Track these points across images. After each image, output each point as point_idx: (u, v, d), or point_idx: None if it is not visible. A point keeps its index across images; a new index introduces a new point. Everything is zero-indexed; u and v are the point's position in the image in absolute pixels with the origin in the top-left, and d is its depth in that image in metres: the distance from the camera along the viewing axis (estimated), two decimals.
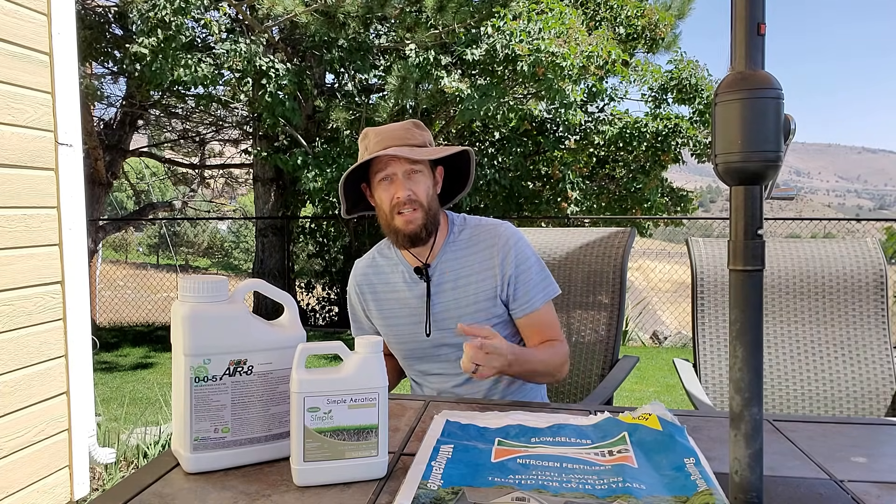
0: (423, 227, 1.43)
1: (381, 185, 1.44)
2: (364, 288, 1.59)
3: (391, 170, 1.42)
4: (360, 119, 7.80)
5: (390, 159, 1.42)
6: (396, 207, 1.42)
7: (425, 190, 1.44)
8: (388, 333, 1.56)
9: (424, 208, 1.43)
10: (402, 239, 1.45)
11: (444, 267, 1.49)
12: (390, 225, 1.45)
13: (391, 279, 1.55)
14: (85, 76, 7.68)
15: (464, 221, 1.56)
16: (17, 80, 2.03)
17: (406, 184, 1.42)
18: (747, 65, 0.67)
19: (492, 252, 1.48)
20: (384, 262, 1.58)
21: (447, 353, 1.50)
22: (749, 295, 0.69)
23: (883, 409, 1.83)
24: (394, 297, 1.54)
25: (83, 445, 2.27)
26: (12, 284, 2.01)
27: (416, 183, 1.43)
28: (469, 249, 1.51)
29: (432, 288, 1.49)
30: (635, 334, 8.34)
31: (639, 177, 8.38)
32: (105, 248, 17.21)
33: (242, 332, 0.86)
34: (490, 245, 1.49)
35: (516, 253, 1.47)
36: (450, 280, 1.49)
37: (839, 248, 1.98)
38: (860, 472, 0.88)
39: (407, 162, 1.42)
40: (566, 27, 6.77)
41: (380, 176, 1.43)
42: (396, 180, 1.42)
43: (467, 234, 1.52)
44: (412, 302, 1.51)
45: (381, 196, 1.46)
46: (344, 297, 9.20)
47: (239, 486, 0.82)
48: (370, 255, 1.62)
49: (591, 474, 0.81)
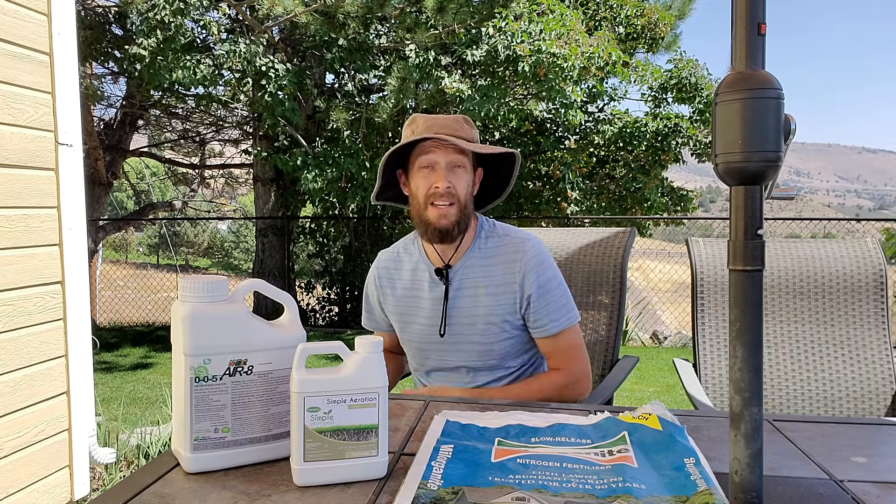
0: (455, 224, 1.38)
1: (421, 172, 1.39)
2: (384, 281, 1.56)
3: (435, 157, 1.37)
4: (360, 119, 7.80)
5: (436, 146, 1.37)
6: (432, 198, 1.37)
7: (465, 187, 1.40)
8: (401, 329, 1.54)
9: (460, 205, 1.39)
10: (431, 232, 1.40)
11: (466, 272, 1.45)
12: (422, 215, 1.40)
13: (412, 276, 1.51)
14: (85, 76, 7.68)
15: (492, 228, 1.51)
16: (17, 80, 2.03)
17: (447, 175, 1.37)
18: (747, 65, 0.67)
19: (514, 267, 1.43)
20: (407, 258, 1.54)
21: (456, 357, 1.47)
22: (749, 295, 0.69)
23: (883, 409, 1.83)
24: (411, 295, 1.51)
25: (83, 445, 2.27)
26: (12, 284, 2.01)
27: (458, 177, 1.38)
28: (492, 259, 1.45)
29: (451, 291, 1.45)
30: (635, 334, 8.34)
31: (639, 176, 8.38)
32: (105, 248, 17.21)
33: (242, 332, 0.86)
34: (513, 260, 1.43)
35: (538, 274, 1.42)
36: (468, 286, 1.45)
37: (839, 248, 1.98)
38: (860, 472, 0.87)
39: (453, 152, 1.37)
40: (567, 28, 6.78)
41: (422, 161, 1.38)
42: (438, 169, 1.37)
43: (493, 243, 1.47)
44: (429, 302, 1.48)
45: (417, 183, 1.40)
46: (344, 297, 9.30)
47: (239, 486, 0.82)
48: (395, 249, 1.58)
49: (591, 474, 0.81)
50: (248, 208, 20.04)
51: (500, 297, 1.43)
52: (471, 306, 1.44)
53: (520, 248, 1.44)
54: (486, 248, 1.47)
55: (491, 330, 1.43)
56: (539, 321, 1.43)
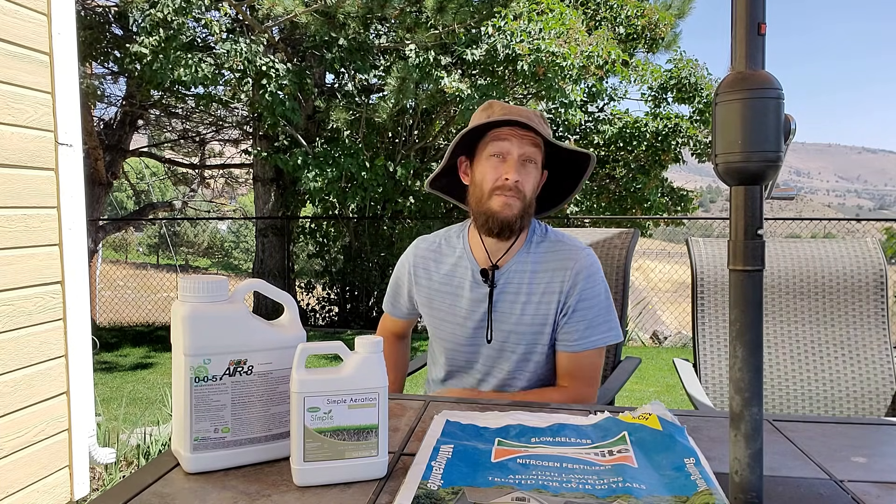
0: (518, 218, 1.31)
1: (490, 160, 1.32)
2: (419, 270, 1.48)
3: (510, 146, 1.30)
4: (360, 119, 7.81)
5: (512, 133, 1.30)
6: (498, 189, 1.30)
7: (532, 185, 1.33)
8: (434, 326, 1.47)
9: (525, 202, 1.32)
10: (492, 222, 1.31)
11: (511, 276, 1.38)
12: (483, 205, 1.32)
13: (452, 271, 1.43)
14: (85, 76, 7.68)
15: (545, 233, 1.43)
16: (17, 80, 2.03)
17: (519, 169, 1.30)
18: (747, 65, 0.67)
19: (563, 276, 1.35)
20: (449, 252, 1.46)
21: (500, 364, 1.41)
22: (749, 295, 0.69)
23: (883, 409, 1.83)
24: (449, 292, 1.43)
25: (83, 445, 2.27)
26: (12, 284, 2.01)
27: (527, 173, 1.32)
28: (541, 265, 1.38)
29: (494, 294, 1.37)
30: (635, 334, 8.34)
31: (639, 177, 8.38)
32: (105, 248, 17.21)
33: (242, 332, 0.86)
34: (563, 268, 1.36)
35: (584, 287, 1.35)
36: (512, 291, 1.38)
37: (839, 248, 1.98)
38: (860, 472, 0.87)
39: (529, 143, 1.31)
40: (566, 27, 6.78)
41: (493, 148, 1.31)
42: (510, 160, 1.30)
43: (544, 248, 1.40)
44: (468, 303, 1.40)
45: (484, 171, 1.32)
46: (344, 297, 9.29)
47: (239, 486, 0.82)
48: (435, 240, 1.50)
49: (591, 474, 0.81)
50: (248, 208, 20.04)
51: (542, 305, 1.36)
52: (514, 312, 1.37)
53: (573, 256, 1.37)
54: (537, 253, 1.39)
55: (534, 339, 1.37)
56: (570, 335, 1.36)
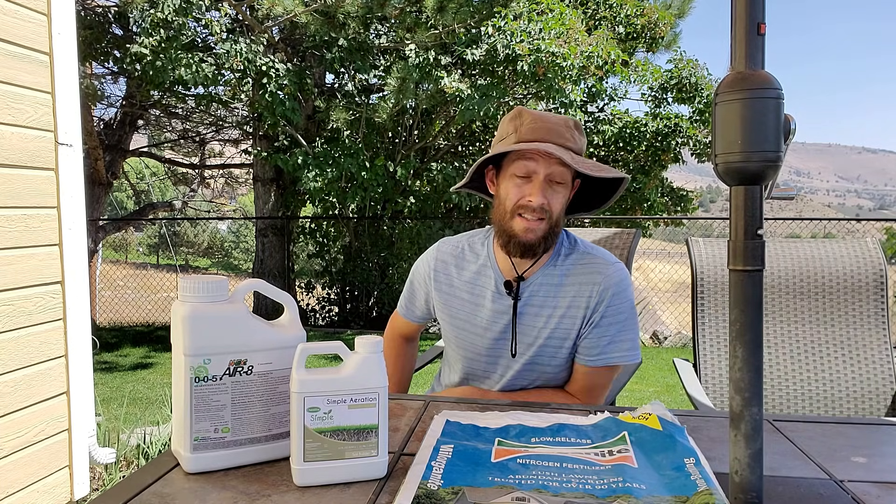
0: (541, 241, 1.26)
1: (514, 179, 1.26)
2: (441, 276, 1.43)
3: (536, 167, 1.24)
4: (360, 119, 7.81)
5: (539, 155, 1.24)
6: (522, 210, 1.25)
7: (561, 205, 1.27)
8: (454, 335, 1.43)
9: (552, 222, 1.26)
10: (514, 246, 1.27)
11: (536, 288, 1.33)
12: (506, 223, 1.28)
13: (475, 280, 1.38)
14: (85, 76, 7.68)
15: (573, 245, 1.37)
16: (16, 80, 2.03)
17: (545, 190, 1.24)
18: (747, 65, 0.67)
19: (590, 290, 1.31)
20: (472, 258, 1.40)
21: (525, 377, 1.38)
22: (749, 295, 0.69)
23: (883, 409, 1.83)
24: (471, 301, 1.39)
25: (83, 445, 2.27)
26: (12, 284, 2.01)
27: (555, 194, 1.26)
28: (568, 279, 1.33)
29: (517, 307, 1.33)
30: None
31: (639, 177, 8.38)
32: (105, 248, 17.21)
33: (242, 332, 0.86)
34: (591, 282, 1.31)
35: (611, 303, 1.30)
36: (536, 305, 1.33)
37: (839, 248, 1.98)
38: (860, 472, 0.87)
39: (556, 163, 1.23)
40: (566, 27, 6.78)
41: (518, 168, 1.26)
42: (536, 181, 1.25)
43: (572, 261, 1.34)
44: (489, 313, 1.35)
45: (508, 189, 1.27)
46: (344, 297, 9.29)
47: (239, 486, 0.82)
48: (459, 244, 1.44)
49: (591, 474, 0.81)
50: (248, 208, 20.04)
51: (566, 319, 1.32)
52: (537, 325, 1.33)
53: (602, 270, 1.32)
54: (564, 266, 1.34)
55: (556, 353, 1.34)
56: (591, 349, 1.32)
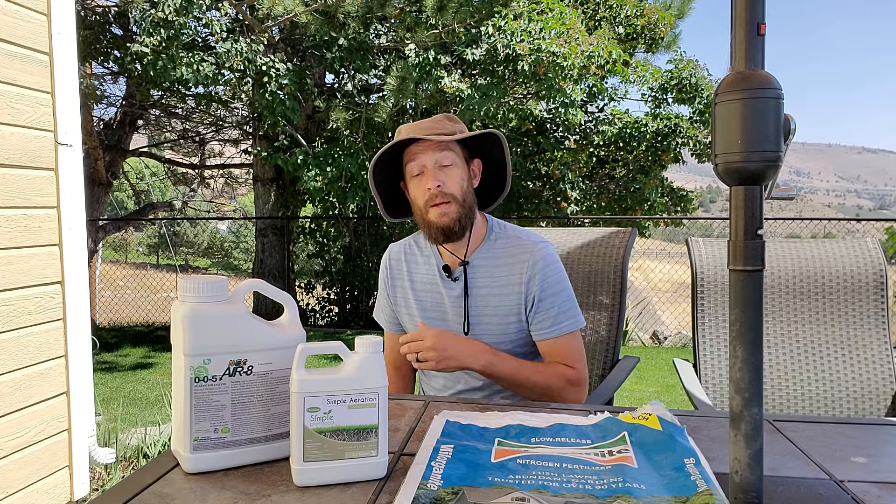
0: (456, 221, 1.38)
1: (414, 180, 1.41)
2: (395, 273, 1.56)
3: (420, 161, 1.38)
4: (360, 119, 7.81)
5: (419, 150, 1.38)
6: (430, 200, 1.38)
7: (458, 182, 1.39)
8: (409, 325, 1.53)
9: (458, 201, 1.38)
10: (434, 232, 1.40)
11: (474, 272, 1.46)
12: (425, 219, 1.41)
13: (426, 271, 1.51)
14: (85, 76, 7.68)
15: (502, 230, 1.51)
16: (16, 80, 2.03)
17: (437, 175, 1.37)
18: (747, 65, 0.67)
19: (521, 268, 1.43)
20: (419, 254, 1.54)
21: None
22: (749, 295, 0.69)
23: (883, 409, 1.83)
24: (425, 290, 1.51)
25: (83, 445, 2.27)
26: (12, 284, 2.01)
27: (448, 174, 1.38)
28: (500, 260, 1.46)
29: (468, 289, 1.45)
30: (635, 334, 8.34)
31: (639, 177, 8.39)
32: (105, 248, 17.20)
33: (242, 332, 0.86)
34: (521, 261, 1.44)
35: (544, 276, 1.42)
36: (478, 286, 1.45)
37: (839, 248, 1.98)
38: (860, 472, 0.87)
39: (436, 150, 1.37)
40: (567, 27, 6.78)
41: (411, 169, 1.40)
42: (427, 172, 1.38)
43: (502, 244, 1.47)
44: (447, 301, 1.47)
45: (414, 191, 1.42)
46: (343, 297, 9.30)
47: (239, 486, 0.82)
48: (407, 243, 1.58)
49: (591, 474, 0.81)
50: (248, 208, 20.04)
51: (507, 297, 1.43)
52: (482, 305, 1.44)
53: (528, 249, 1.44)
54: (496, 249, 1.47)
55: (505, 329, 1.44)
56: (541, 324, 1.43)
